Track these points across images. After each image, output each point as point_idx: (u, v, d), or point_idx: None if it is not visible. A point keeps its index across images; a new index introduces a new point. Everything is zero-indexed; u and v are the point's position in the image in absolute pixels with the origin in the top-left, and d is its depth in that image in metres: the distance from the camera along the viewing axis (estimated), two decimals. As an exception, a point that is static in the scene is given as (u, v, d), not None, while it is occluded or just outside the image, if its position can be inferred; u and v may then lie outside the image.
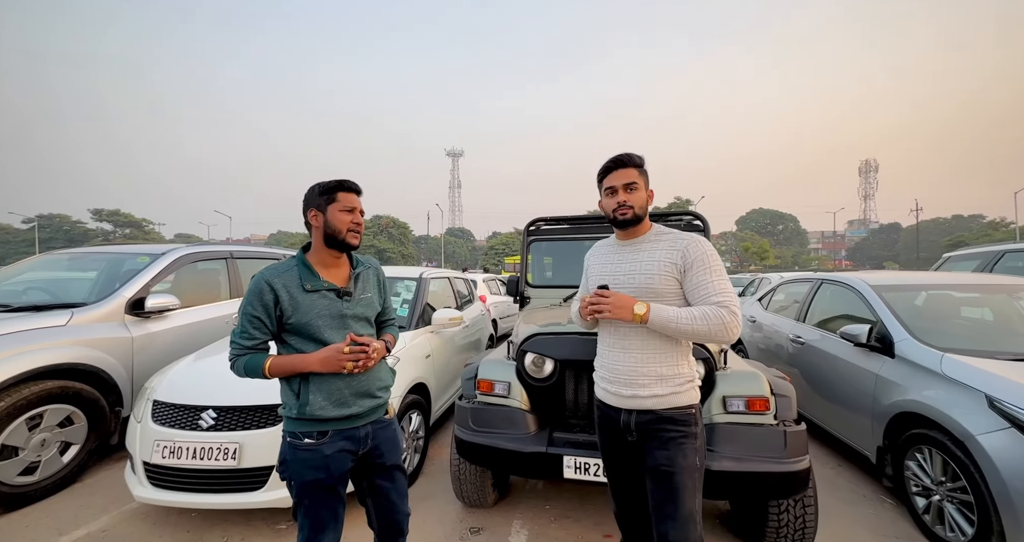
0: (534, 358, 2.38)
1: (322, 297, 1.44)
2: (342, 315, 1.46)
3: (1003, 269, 4.58)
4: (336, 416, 1.42)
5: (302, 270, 1.45)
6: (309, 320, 1.40)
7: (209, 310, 4.15)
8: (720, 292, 1.38)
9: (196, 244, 4.43)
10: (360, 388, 1.47)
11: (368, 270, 1.60)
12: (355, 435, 1.47)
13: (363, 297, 1.54)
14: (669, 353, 1.46)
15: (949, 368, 2.24)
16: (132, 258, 4.11)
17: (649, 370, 1.45)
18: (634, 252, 1.52)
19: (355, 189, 1.50)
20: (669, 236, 1.50)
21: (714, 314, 1.34)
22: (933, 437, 2.20)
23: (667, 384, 1.44)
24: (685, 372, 1.47)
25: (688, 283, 1.43)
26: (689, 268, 1.42)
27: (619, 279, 1.51)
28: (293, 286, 1.41)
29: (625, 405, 1.49)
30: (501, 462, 2.22)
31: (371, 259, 1.67)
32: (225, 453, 2.24)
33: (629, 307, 1.38)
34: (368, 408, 1.49)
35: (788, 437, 1.88)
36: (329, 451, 1.42)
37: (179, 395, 2.46)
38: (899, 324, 2.70)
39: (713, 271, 1.40)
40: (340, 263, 1.54)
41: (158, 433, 2.33)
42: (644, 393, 1.45)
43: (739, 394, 2.02)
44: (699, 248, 1.43)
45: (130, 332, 3.38)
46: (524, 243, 3.84)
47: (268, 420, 2.33)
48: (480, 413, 2.32)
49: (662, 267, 1.44)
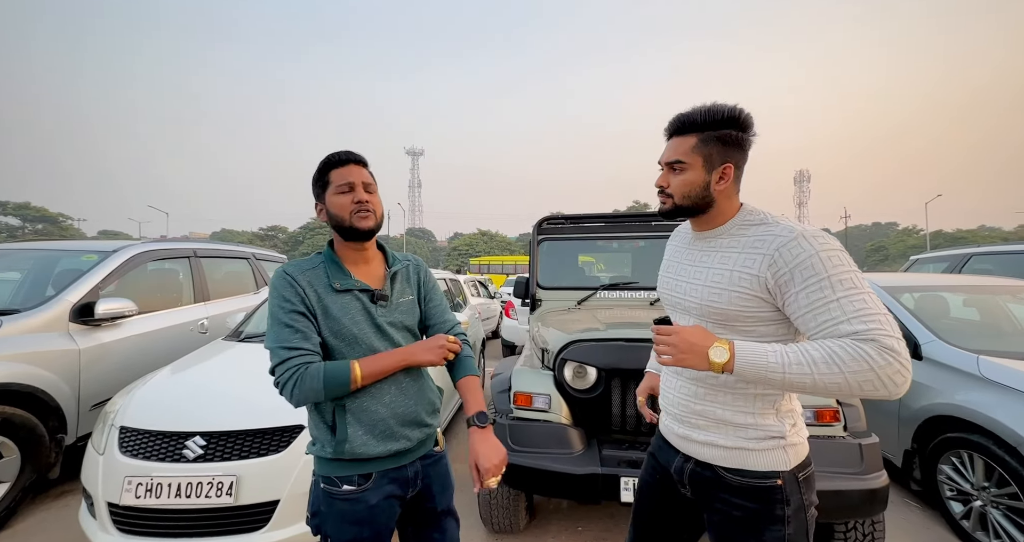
0: (575, 367, 2.17)
1: (355, 299, 1.16)
2: (376, 324, 1.17)
3: (971, 271, 4.89)
4: (381, 454, 1.13)
5: (330, 267, 1.17)
6: (342, 327, 1.12)
7: (170, 316, 3.63)
8: (857, 315, 0.83)
9: (155, 241, 3.88)
10: (407, 415, 1.18)
11: (406, 267, 1.30)
12: (403, 476, 1.18)
13: (401, 301, 1.25)
14: (741, 394, 1.00)
15: (988, 370, 2.25)
16: (71, 256, 3.53)
17: (704, 409, 1.04)
18: (706, 251, 1.06)
19: (350, 160, 1.17)
20: (757, 230, 0.99)
21: (850, 355, 0.80)
22: (973, 441, 2.20)
23: (733, 435, 1.00)
24: (770, 424, 0.98)
25: (792, 305, 0.90)
26: (788, 282, 0.90)
27: (680, 288, 1.09)
28: (320, 285, 1.14)
29: (680, 447, 1.11)
30: (548, 486, 1.99)
31: (411, 255, 1.36)
32: (219, 488, 1.86)
33: (701, 351, 0.89)
34: (418, 440, 1.21)
35: (864, 451, 1.78)
36: (374, 499, 1.13)
37: (155, 419, 2.04)
38: (922, 326, 2.72)
39: (836, 284, 0.85)
40: (370, 259, 1.24)
41: (129, 467, 1.92)
42: (699, 437, 1.05)
43: (806, 404, 1.90)
44: (801, 250, 0.88)
45: (76, 343, 2.86)
46: (534, 242, 3.62)
47: (270, 446, 1.97)
48: (520, 430, 2.08)
49: (736, 279, 0.97)
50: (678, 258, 1.15)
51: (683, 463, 1.09)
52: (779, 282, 0.91)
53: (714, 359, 0.88)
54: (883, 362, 0.79)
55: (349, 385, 1.07)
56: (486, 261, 31.97)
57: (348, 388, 1.07)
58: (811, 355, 0.83)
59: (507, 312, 7.15)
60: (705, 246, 1.08)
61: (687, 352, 0.90)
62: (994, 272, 4.72)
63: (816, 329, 0.87)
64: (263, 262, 5.24)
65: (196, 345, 3.65)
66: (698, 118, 1.00)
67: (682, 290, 1.09)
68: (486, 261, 31.97)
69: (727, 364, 0.87)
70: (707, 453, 1.03)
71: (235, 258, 4.82)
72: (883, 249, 60.37)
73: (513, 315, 7.00)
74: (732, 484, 1.00)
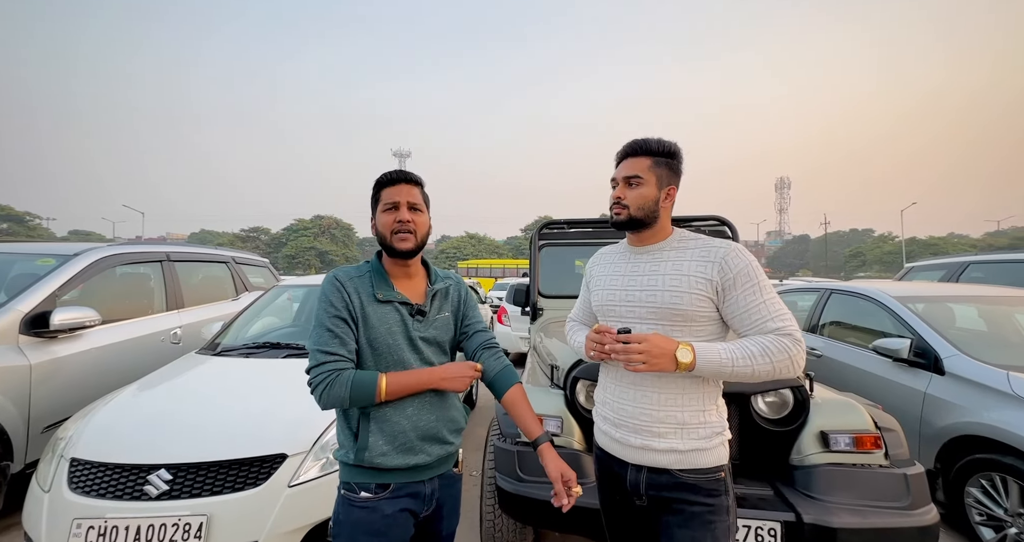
0: (589, 386, 1.99)
1: (394, 310, 1.20)
2: (411, 337, 1.20)
3: (968, 279, 4.87)
4: (400, 466, 1.14)
5: (376, 277, 1.23)
6: (378, 336, 1.16)
7: (138, 326, 3.34)
8: (777, 315, 1.07)
9: (122, 243, 3.58)
10: (429, 430, 1.19)
11: (448, 286, 1.34)
12: (420, 491, 1.19)
13: (438, 318, 1.28)
14: (694, 394, 1.14)
15: (1022, 388, 2.13)
16: (24, 260, 3.22)
17: (667, 416, 1.13)
18: (653, 262, 1.20)
19: (400, 179, 1.22)
20: (698, 243, 1.18)
21: (777, 347, 1.03)
22: (1007, 463, 2.08)
23: (690, 436, 1.12)
24: (713, 421, 1.14)
25: (731, 306, 1.10)
26: (731, 286, 1.09)
27: (634, 296, 1.19)
28: (364, 293, 1.19)
29: (634, 458, 1.17)
30: (561, 521, 1.78)
31: (453, 274, 1.40)
32: (186, 531, 1.62)
33: (670, 354, 1.04)
34: (437, 457, 1.21)
35: (911, 482, 1.63)
36: (390, 510, 1.13)
37: (113, 449, 1.79)
38: (941, 338, 2.61)
39: (763, 289, 1.09)
40: (412, 274, 1.28)
41: (79, 507, 1.66)
42: (659, 445, 1.13)
43: (843, 429, 1.75)
44: (741, 260, 1.10)
45: (27, 358, 2.56)
46: (534, 248, 3.44)
47: (247, 479, 1.74)
48: (530, 457, 1.87)
49: (693, 283, 1.11)
50: (620, 271, 1.26)
51: (637, 474, 1.17)
52: (725, 285, 1.10)
53: (681, 360, 1.04)
54: (796, 351, 1.04)
55: (374, 397, 1.10)
56: (474, 264, 31.80)
57: (373, 400, 1.10)
58: (750, 349, 1.04)
59: (500, 318, 6.95)
60: (651, 258, 1.21)
61: (659, 357, 1.04)
62: (985, 281, 4.71)
63: (750, 326, 1.08)
64: (244, 266, 4.95)
65: (167, 357, 3.35)
66: (653, 145, 1.18)
67: (636, 298, 1.19)
68: (474, 264, 31.80)
69: (691, 363, 1.05)
70: (665, 459, 1.13)
71: (213, 262, 4.52)
72: (861, 255, 61.99)
73: (506, 321, 6.81)
74: (688, 482, 1.11)
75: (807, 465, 1.74)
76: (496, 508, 1.99)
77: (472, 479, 3.13)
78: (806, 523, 1.54)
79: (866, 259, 59.90)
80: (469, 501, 2.80)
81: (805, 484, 1.70)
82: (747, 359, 1.03)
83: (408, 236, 1.19)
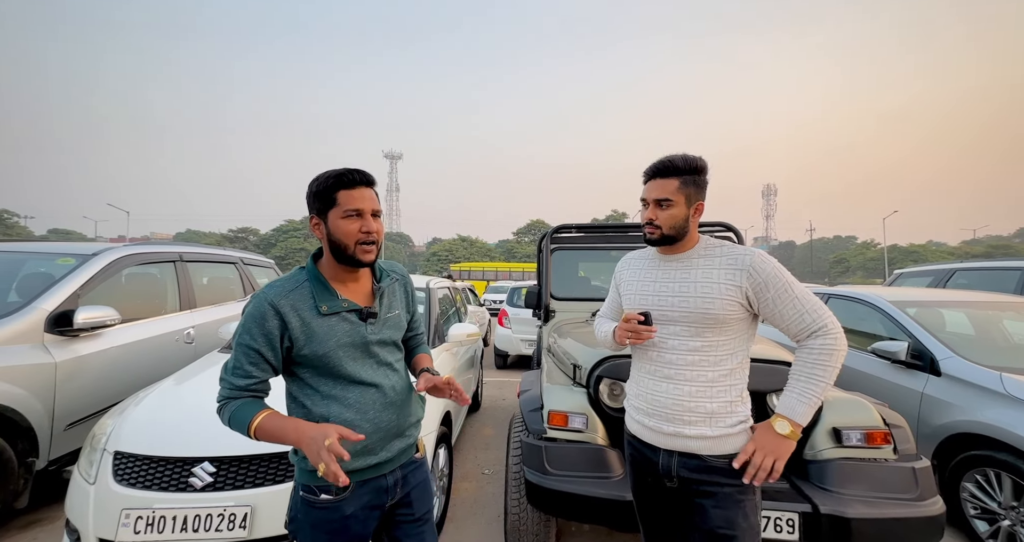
0: (611, 384, 2.08)
1: (342, 321, 1.13)
2: (365, 342, 1.16)
3: (954, 285, 5.08)
4: (360, 467, 1.14)
5: (315, 287, 1.13)
6: (327, 351, 1.10)
7: (154, 325, 3.37)
8: (811, 308, 1.17)
9: (139, 243, 3.60)
10: (390, 429, 1.19)
11: (395, 282, 1.30)
12: (382, 484, 1.19)
13: (389, 317, 1.24)
14: (722, 386, 1.24)
15: (1015, 388, 2.27)
16: (40, 259, 3.23)
17: (698, 406, 1.23)
18: (683, 270, 1.29)
19: (361, 182, 1.11)
20: (723, 250, 1.27)
21: (828, 357, 1.14)
22: (1000, 459, 2.21)
23: (718, 424, 1.23)
24: (740, 411, 1.25)
25: (768, 307, 1.20)
26: (762, 291, 1.19)
27: (666, 301, 1.28)
28: (305, 309, 1.10)
29: (666, 444, 1.27)
30: (586, 512, 1.87)
31: (396, 265, 1.36)
32: (231, 521, 1.68)
33: (778, 437, 1.17)
34: (397, 451, 1.22)
35: (918, 475, 1.74)
36: (350, 509, 1.13)
37: (156, 443, 1.84)
38: (937, 341, 2.75)
39: (794, 289, 1.18)
40: (359, 276, 1.21)
41: (126, 498, 1.71)
42: (690, 432, 1.23)
43: (854, 425, 1.86)
44: (767, 266, 1.19)
45: (52, 357, 2.58)
46: (546, 252, 3.53)
47: (287, 471, 1.81)
48: (556, 452, 1.96)
49: (724, 290, 1.21)
50: (651, 278, 1.35)
51: (669, 459, 1.27)
52: (756, 289, 1.20)
53: (783, 433, 1.16)
54: (840, 347, 1.15)
55: (247, 433, 1.04)
56: (467, 267, 31.79)
57: (247, 435, 1.04)
58: (815, 373, 1.15)
59: (500, 321, 7.02)
60: (682, 266, 1.30)
61: (777, 448, 1.16)
62: (971, 287, 4.92)
63: (790, 321, 1.19)
64: (251, 267, 4.98)
65: (182, 356, 3.40)
66: (679, 164, 1.24)
67: (668, 303, 1.28)
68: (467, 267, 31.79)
69: (792, 428, 1.16)
70: (696, 444, 1.23)
71: (222, 263, 4.55)
72: (844, 261, 63.29)
73: (507, 324, 6.88)
74: (716, 466, 1.21)
75: (821, 459, 1.85)
76: (522, 501, 2.06)
77: (485, 477, 3.20)
78: (823, 514, 1.64)
79: (850, 265, 61.15)
80: (487, 498, 2.89)
81: (819, 477, 1.81)
82: (822, 384, 1.14)
83: (372, 247, 1.12)
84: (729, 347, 1.24)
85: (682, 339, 1.26)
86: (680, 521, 1.33)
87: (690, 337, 1.25)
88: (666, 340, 1.28)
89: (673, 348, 1.27)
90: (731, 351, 1.24)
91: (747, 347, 1.27)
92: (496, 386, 5.90)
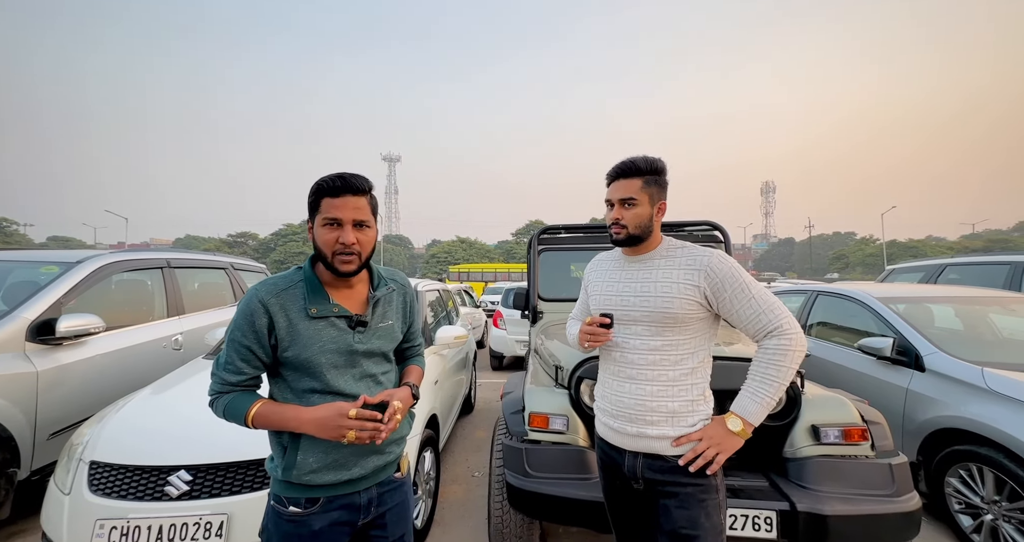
0: (593, 385, 2.08)
1: (330, 326, 1.11)
2: (351, 351, 1.12)
3: (945, 281, 5.08)
4: (331, 482, 1.10)
5: (308, 288, 1.11)
6: (310, 356, 1.08)
7: (140, 332, 3.35)
8: (767, 307, 1.18)
9: (124, 250, 3.59)
10: (365, 445, 1.12)
11: (392, 291, 1.25)
12: (354, 502, 1.14)
13: (381, 327, 1.19)
14: (684, 385, 1.25)
15: (995, 383, 2.27)
16: (27, 267, 3.23)
17: (659, 405, 1.24)
18: (645, 270, 1.31)
19: (345, 189, 1.06)
20: (683, 251, 1.29)
21: (783, 357, 1.15)
22: (983, 454, 2.21)
23: (680, 424, 1.23)
24: (702, 410, 1.25)
25: (728, 310, 1.22)
26: (720, 291, 1.21)
27: (629, 301, 1.30)
28: (294, 309, 1.09)
29: (630, 446, 1.28)
30: (568, 514, 1.87)
31: (398, 274, 1.31)
32: (207, 530, 1.67)
33: (727, 431, 1.20)
34: (373, 468, 1.16)
35: (895, 471, 1.74)
36: (318, 525, 1.09)
37: (131, 452, 1.83)
38: (921, 337, 2.75)
39: (751, 289, 1.20)
40: (353, 282, 1.18)
41: (101, 508, 1.70)
42: (652, 432, 1.24)
43: (832, 422, 1.86)
44: (723, 266, 1.21)
45: (34, 365, 2.57)
46: (533, 253, 3.53)
47: (265, 478, 1.80)
48: (536, 454, 1.96)
49: (682, 290, 1.23)
50: (615, 278, 1.37)
51: (634, 461, 1.28)
52: (713, 289, 1.21)
53: (739, 431, 1.19)
54: (797, 345, 1.15)
55: (244, 423, 1.07)
56: (466, 269, 31.80)
57: (244, 425, 1.07)
58: (769, 373, 1.17)
59: (495, 322, 7.02)
60: (644, 266, 1.32)
61: (723, 439, 1.19)
62: (961, 282, 4.92)
63: (747, 321, 1.20)
64: (241, 272, 4.96)
65: (170, 363, 3.38)
66: (641, 165, 1.27)
67: (630, 303, 1.29)
68: (466, 269, 31.80)
69: (744, 425, 1.19)
70: (658, 445, 1.24)
71: (211, 268, 4.54)
72: (844, 257, 63.34)
73: (502, 325, 6.87)
74: (679, 466, 1.21)
75: (799, 457, 1.85)
76: (504, 504, 2.06)
77: (475, 480, 3.20)
78: (800, 511, 1.64)
79: (849, 261, 61.19)
80: (475, 501, 2.88)
81: (798, 475, 1.81)
82: (777, 384, 1.16)
83: (352, 258, 1.08)
84: (689, 346, 1.25)
85: (643, 339, 1.27)
86: (648, 523, 1.32)
87: (651, 336, 1.26)
88: (628, 340, 1.29)
89: (635, 348, 1.28)
90: (691, 350, 1.25)
91: (708, 346, 1.28)
92: (491, 388, 5.89)
